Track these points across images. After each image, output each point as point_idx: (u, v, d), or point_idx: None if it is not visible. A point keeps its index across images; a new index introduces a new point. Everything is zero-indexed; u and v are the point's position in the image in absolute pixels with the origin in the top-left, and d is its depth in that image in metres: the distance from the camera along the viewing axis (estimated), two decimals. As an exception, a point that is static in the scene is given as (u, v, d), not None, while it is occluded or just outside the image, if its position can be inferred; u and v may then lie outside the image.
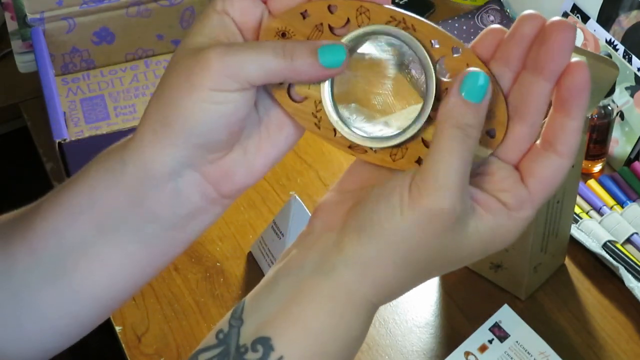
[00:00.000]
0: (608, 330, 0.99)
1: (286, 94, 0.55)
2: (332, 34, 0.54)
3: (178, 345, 1.01)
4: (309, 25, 0.54)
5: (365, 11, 0.54)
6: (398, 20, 0.54)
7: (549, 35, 0.47)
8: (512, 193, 0.49)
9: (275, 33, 0.54)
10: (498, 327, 0.95)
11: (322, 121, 0.55)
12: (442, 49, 0.53)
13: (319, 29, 0.54)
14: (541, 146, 0.49)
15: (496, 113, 0.51)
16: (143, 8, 1.35)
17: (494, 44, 0.50)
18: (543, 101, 0.49)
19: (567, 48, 0.48)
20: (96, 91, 1.34)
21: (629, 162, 1.17)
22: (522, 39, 0.49)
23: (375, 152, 0.54)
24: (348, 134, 0.54)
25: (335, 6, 0.54)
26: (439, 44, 0.53)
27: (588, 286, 1.05)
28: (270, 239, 1.06)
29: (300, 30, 0.54)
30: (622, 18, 1.19)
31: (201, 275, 1.08)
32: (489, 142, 0.51)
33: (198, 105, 0.50)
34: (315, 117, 0.55)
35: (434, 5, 1.49)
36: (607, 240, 1.06)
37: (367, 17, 0.54)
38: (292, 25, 0.54)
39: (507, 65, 0.49)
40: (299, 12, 0.54)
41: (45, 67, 1.23)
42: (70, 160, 1.14)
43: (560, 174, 0.49)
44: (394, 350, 0.98)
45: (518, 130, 0.50)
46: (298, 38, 0.54)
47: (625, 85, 1.18)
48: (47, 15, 1.31)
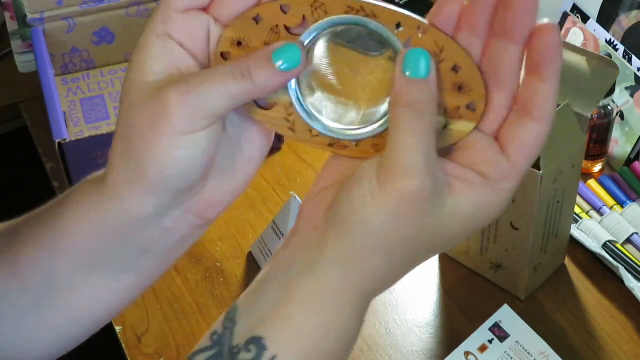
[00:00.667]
0: (608, 330, 0.99)
1: (253, 103, 0.53)
2: (290, 34, 0.52)
3: (178, 345, 1.01)
4: (264, 29, 0.52)
5: (320, 5, 0.52)
6: (356, 10, 0.52)
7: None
8: (493, 164, 0.48)
9: (231, 43, 0.52)
10: (498, 327, 0.95)
11: (296, 124, 0.54)
12: (406, 30, 0.52)
13: (275, 31, 0.53)
14: (517, 113, 0.48)
15: (473, 86, 0.50)
16: (143, 8, 1.35)
17: (453, 14, 0.49)
18: (516, 66, 0.48)
19: (531, 7, 0.46)
20: (96, 91, 1.34)
21: (629, 162, 1.17)
22: (485, 5, 0.47)
23: (357, 145, 0.53)
24: (326, 130, 0.53)
25: (287, 5, 0.52)
26: (403, 26, 0.52)
27: (588, 286, 1.05)
28: (270, 239, 1.06)
29: (256, 36, 0.52)
30: (622, 18, 1.19)
31: (201, 276, 1.08)
32: (470, 115, 0.51)
33: (168, 154, 0.49)
34: (288, 121, 0.54)
35: (433, 5, 1.48)
36: (607, 240, 1.06)
37: (323, 12, 0.52)
38: (246, 32, 0.52)
39: (475, 34, 0.48)
40: (251, 17, 0.52)
41: (45, 67, 1.23)
42: (70, 160, 1.14)
43: (539, 140, 0.48)
44: (394, 350, 0.98)
45: (495, 98, 0.48)
46: (255, 44, 0.52)
47: (625, 85, 1.18)
48: (47, 15, 1.31)
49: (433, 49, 0.51)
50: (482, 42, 0.48)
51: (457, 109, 0.51)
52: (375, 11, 0.52)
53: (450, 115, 0.51)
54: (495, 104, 0.49)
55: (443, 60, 0.51)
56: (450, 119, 0.51)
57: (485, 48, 0.48)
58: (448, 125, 0.51)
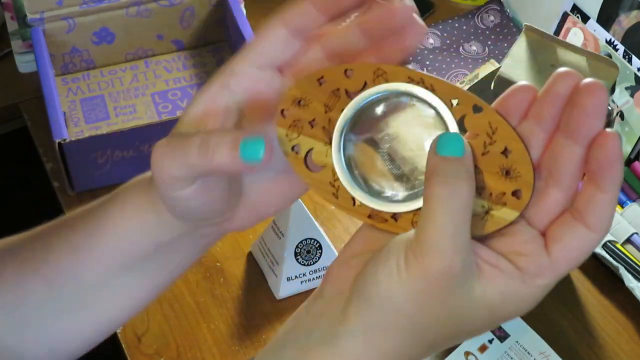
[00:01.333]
0: (608, 330, 0.99)
1: (303, 162, 0.54)
2: (349, 98, 0.53)
3: (178, 345, 1.01)
4: (326, 91, 0.53)
5: (382, 73, 0.52)
6: (416, 81, 0.52)
7: (580, 98, 0.44)
8: (532, 258, 0.46)
9: (292, 101, 0.53)
10: (498, 327, 0.95)
11: (340, 190, 0.53)
12: (462, 107, 0.51)
13: (336, 94, 0.53)
14: (571, 214, 0.46)
15: (521, 172, 0.49)
16: (143, 8, 1.35)
17: (521, 102, 0.47)
18: (575, 166, 0.46)
19: (599, 113, 0.44)
20: (96, 91, 1.34)
21: (629, 162, 1.17)
22: (555, 98, 0.46)
23: (396, 220, 0.52)
24: (368, 201, 0.52)
25: (351, 70, 0.53)
26: (459, 103, 0.51)
27: (588, 286, 1.05)
28: (270, 239, 1.06)
29: (317, 97, 0.53)
30: (622, 18, 1.19)
31: (201, 275, 1.08)
32: (515, 203, 0.49)
33: (172, 197, 0.51)
34: (333, 186, 0.53)
35: (433, 5, 1.49)
36: (607, 240, 1.06)
37: (384, 80, 0.52)
38: (308, 92, 0.53)
39: (540, 125, 0.46)
40: (316, 79, 0.53)
41: (45, 67, 1.23)
42: (70, 160, 1.14)
43: (587, 247, 0.46)
44: (394, 350, 0.98)
45: (550, 193, 0.47)
46: (314, 105, 0.53)
47: (625, 85, 1.18)
48: (47, 15, 1.31)
49: (486, 129, 0.49)
50: (547, 134, 0.47)
51: (502, 194, 0.49)
52: (435, 84, 0.51)
53: (494, 200, 0.50)
54: (549, 199, 0.47)
55: (494, 142, 0.49)
56: (493, 204, 0.50)
57: (549, 141, 0.47)
58: (490, 211, 0.50)
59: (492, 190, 0.50)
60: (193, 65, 1.37)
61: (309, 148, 0.54)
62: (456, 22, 1.41)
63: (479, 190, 0.50)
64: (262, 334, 1.01)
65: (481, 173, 0.50)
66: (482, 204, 0.50)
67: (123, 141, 1.15)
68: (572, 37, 1.25)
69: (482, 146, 0.50)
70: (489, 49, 1.38)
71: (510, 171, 0.49)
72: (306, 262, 1.04)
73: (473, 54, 1.37)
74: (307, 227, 1.03)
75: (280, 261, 1.03)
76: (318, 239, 1.04)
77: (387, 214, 0.52)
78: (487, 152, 0.50)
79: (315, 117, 0.54)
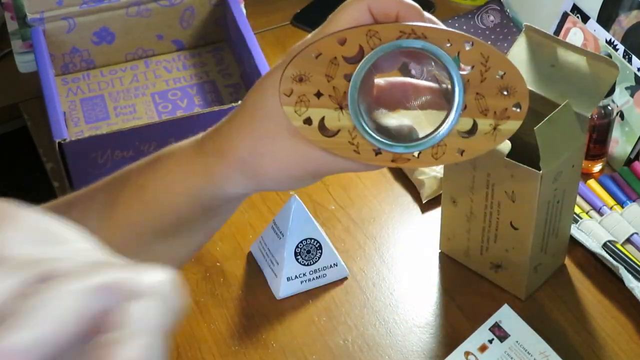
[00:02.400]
0: (608, 330, 0.99)
1: (318, 131, 0.58)
2: (348, 64, 0.57)
3: (178, 345, 1.01)
4: (324, 62, 0.57)
5: (374, 34, 0.57)
6: (408, 33, 0.57)
7: None
8: None
9: (292, 80, 0.58)
10: (498, 327, 0.95)
11: (360, 145, 0.58)
12: (455, 46, 0.57)
13: (334, 62, 0.57)
14: None
15: (517, 87, 0.57)
16: (143, 8, 1.35)
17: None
18: None
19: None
20: (96, 91, 1.34)
21: (628, 162, 1.17)
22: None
23: (418, 157, 0.58)
24: (389, 147, 0.58)
25: (344, 38, 0.57)
26: (451, 43, 0.57)
27: (588, 286, 1.05)
28: (270, 239, 1.06)
29: (316, 70, 0.57)
30: (622, 18, 1.19)
31: (201, 275, 1.08)
32: (516, 115, 0.57)
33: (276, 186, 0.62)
34: (352, 144, 0.58)
35: (434, 5, 1.49)
36: (607, 240, 1.06)
37: (377, 39, 0.57)
38: (306, 67, 0.57)
39: None
40: (310, 53, 0.57)
41: (45, 67, 1.23)
42: (70, 161, 1.14)
43: None
44: (394, 350, 0.98)
45: None
46: (316, 77, 0.57)
47: (625, 85, 1.18)
48: (47, 15, 1.31)
49: (479, 59, 0.57)
50: None
51: (505, 110, 0.57)
52: (425, 32, 0.57)
53: (499, 117, 0.57)
54: None
55: (489, 69, 0.57)
56: (499, 120, 0.57)
57: None
58: (498, 127, 0.58)
59: (496, 109, 0.57)
60: (193, 65, 1.37)
61: (321, 117, 0.58)
62: (456, 22, 1.41)
63: (485, 112, 0.57)
64: (262, 334, 1.01)
65: (483, 97, 0.58)
66: (490, 123, 0.57)
67: (123, 141, 1.15)
68: (572, 37, 1.25)
69: (480, 74, 0.57)
70: (489, 49, 1.38)
71: (509, 89, 0.57)
72: (306, 262, 1.04)
73: (473, 54, 1.37)
74: (307, 227, 1.03)
75: (280, 261, 1.03)
76: (318, 239, 1.04)
77: (409, 154, 0.58)
78: (485, 78, 0.57)
79: (320, 88, 0.58)
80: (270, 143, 0.58)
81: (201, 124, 1.17)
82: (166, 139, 1.17)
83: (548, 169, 0.90)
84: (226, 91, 1.33)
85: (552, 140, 0.90)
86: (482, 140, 0.58)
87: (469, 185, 0.97)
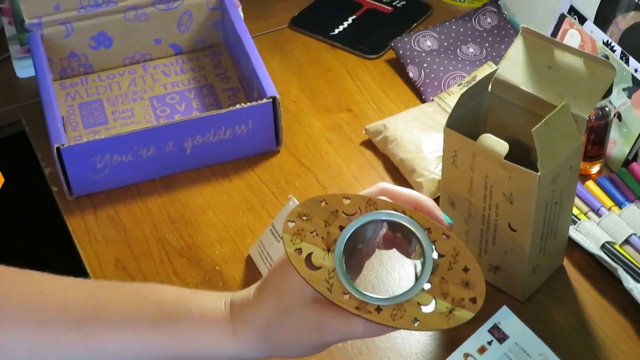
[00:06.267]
0: (607, 332, 1.00)
1: (304, 262, 0.69)
2: (345, 217, 0.71)
3: (177, 349, 1.01)
4: (326, 211, 0.71)
5: (373, 203, 0.71)
6: (399, 212, 0.71)
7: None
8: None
9: (298, 215, 0.71)
10: (497, 329, 0.95)
11: (334, 286, 0.68)
12: (433, 234, 0.70)
13: (335, 214, 0.71)
14: None
15: (477, 284, 0.69)
16: (141, 12, 1.35)
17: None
18: None
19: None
20: (94, 96, 1.34)
21: (626, 163, 1.17)
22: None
23: (379, 312, 0.67)
24: (358, 294, 0.68)
25: (348, 198, 0.71)
26: (431, 230, 0.70)
27: (587, 287, 1.05)
28: (269, 242, 1.06)
29: (319, 214, 0.71)
30: (619, 19, 1.20)
31: (200, 279, 1.08)
32: (471, 307, 0.69)
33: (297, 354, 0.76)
34: (327, 282, 0.69)
35: (430, 7, 1.49)
36: (606, 241, 1.06)
37: (374, 208, 0.71)
38: (311, 210, 0.71)
39: None
40: (319, 201, 0.71)
41: (44, 72, 1.23)
42: (68, 165, 1.14)
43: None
44: (394, 352, 0.98)
45: None
46: (316, 220, 0.71)
47: (622, 86, 1.18)
48: (45, 20, 1.31)
49: (451, 252, 0.69)
50: None
51: (462, 300, 0.69)
52: (413, 215, 0.71)
53: (456, 303, 0.68)
54: None
55: (457, 262, 0.69)
56: (455, 306, 0.68)
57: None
58: (453, 311, 0.68)
59: (455, 296, 0.68)
60: (191, 69, 1.37)
61: (309, 252, 0.69)
62: (454, 24, 1.41)
63: (444, 295, 0.68)
64: (262, 337, 1.01)
65: (447, 283, 0.69)
66: (447, 306, 0.68)
67: (121, 145, 1.15)
68: (569, 39, 1.25)
69: (448, 264, 0.69)
70: (486, 51, 1.38)
71: (469, 284, 0.69)
72: (305, 265, 1.04)
73: (470, 56, 1.37)
74: (306, 230, 1.03)
75: (279, 264, 1.03)
76: (317, 242, 1.04)
77: (372, 306, 0.68)
78: (452, 268, 0.69)
79: (316, 229, 0.70)
80: (289, 314, 0.70)
81: (199, 128, 1.18)
82: (165, 143, 1.17)
83: (546, 170, 0.90)
84: (224, 95, 1.33)
85: (549, 141, 0.90)
86: (436, 318, 0.68)
87: (467, 187, 0.97)
